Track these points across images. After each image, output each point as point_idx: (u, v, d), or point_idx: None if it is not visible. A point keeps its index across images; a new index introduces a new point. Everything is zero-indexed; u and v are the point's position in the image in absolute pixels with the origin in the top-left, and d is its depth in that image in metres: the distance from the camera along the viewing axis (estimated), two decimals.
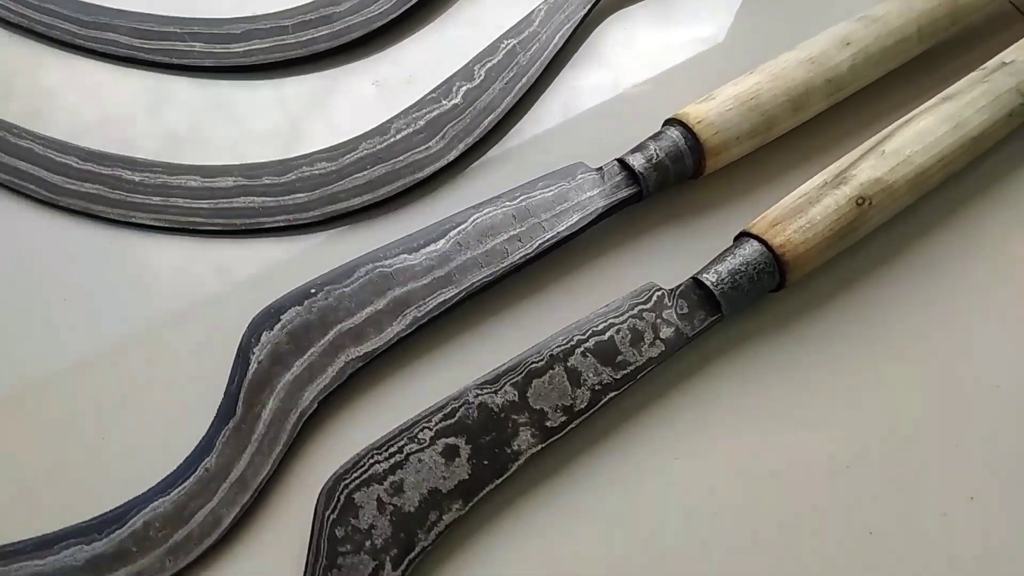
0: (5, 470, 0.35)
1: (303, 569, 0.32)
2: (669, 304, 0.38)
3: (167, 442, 0.35)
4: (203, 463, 0.35)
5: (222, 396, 0.36)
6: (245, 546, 0.33)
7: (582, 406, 0.36)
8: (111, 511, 0.34)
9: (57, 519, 0.33)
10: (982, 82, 0.44)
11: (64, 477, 0.35)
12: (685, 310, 0.38)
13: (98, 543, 0.33)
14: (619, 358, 0.37)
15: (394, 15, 0.46)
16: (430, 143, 0.42)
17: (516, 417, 0.36)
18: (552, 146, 0.44)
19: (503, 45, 0.45)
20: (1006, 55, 0.45)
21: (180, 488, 0.34)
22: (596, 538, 0.35)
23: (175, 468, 0.35)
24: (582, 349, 0.37)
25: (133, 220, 0.40)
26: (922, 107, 0.43)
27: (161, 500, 0.34)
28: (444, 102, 0.44)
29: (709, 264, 0.39)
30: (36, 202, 0.40)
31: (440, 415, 0.35)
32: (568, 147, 0.43)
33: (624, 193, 0.41)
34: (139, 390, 0.37)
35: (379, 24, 0.46)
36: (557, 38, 0.45)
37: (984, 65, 0.45)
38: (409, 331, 0.37)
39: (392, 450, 0.35)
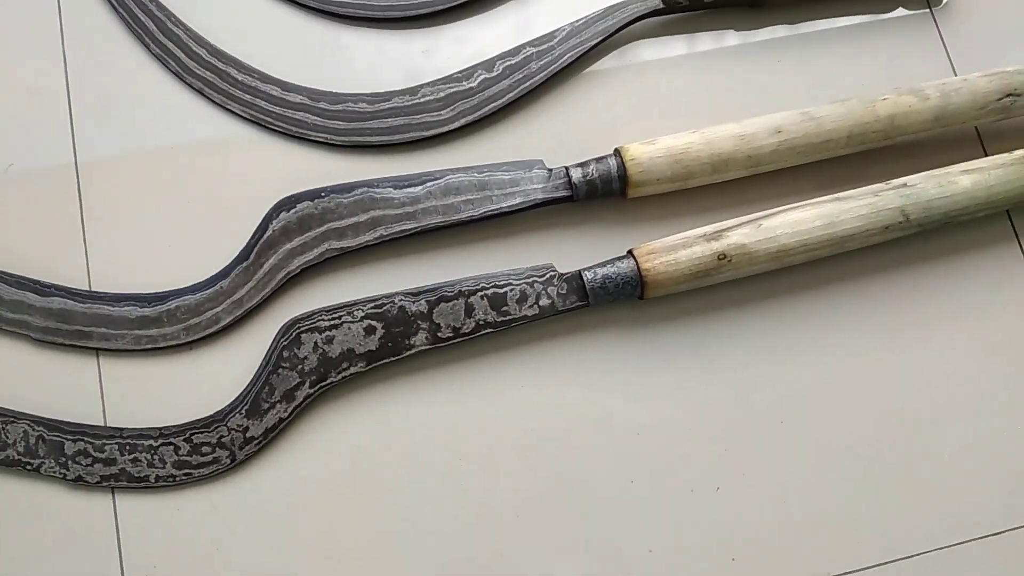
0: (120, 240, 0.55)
1: (257, 367, 0.51)
2: (555, 284, 0.53)
3: (212, 258, 0.54)
4: (221, 282, 0.53)
5: (246, 242, 0.54)
6: (228, 344, 0.52)
7: (466, 331, 0.52)
8: (161, 292, 0.53)
9: (130, 287, 0.53)
10: (874, 195, 0.54)
11: (142, 261, 0.54)
12: (564, 291, 0.53)
13: (147, 308, 0.53)
14: (504, 308, 0.52)
15: (459, 1, 0.60)
16: (442, 112, 0.57)
17: (420, 323, 0.52)
18: (530, 140, 0.57)
19: (524, 50, 0.58)
20: (911, 178, 0.55)
21: (202, 293, 0.53)
22: (443, 422, 0.52)
23: (207, 278, 0.53)
24: (482, 293, 0.53)
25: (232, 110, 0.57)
26: (816, 199, 0.54)
27: (190, 296, 0.53)
28: (464, 83, 0.58)
29: (596, 265, 0.53)
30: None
31: (372, 304, 0.52)
32: (541, 144, 0.57)
33: (559, 194, 0.54)
34: (210, 227, 0.55)
35: (439, 8, 0.59)
36: (567, 56, 0.58)
37: (890, 181, 0.55)
38: (375, 243, 0.54)
39: (335, 316, 0.52)
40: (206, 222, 0.55)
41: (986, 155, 0.59)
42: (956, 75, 0.60)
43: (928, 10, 0.62)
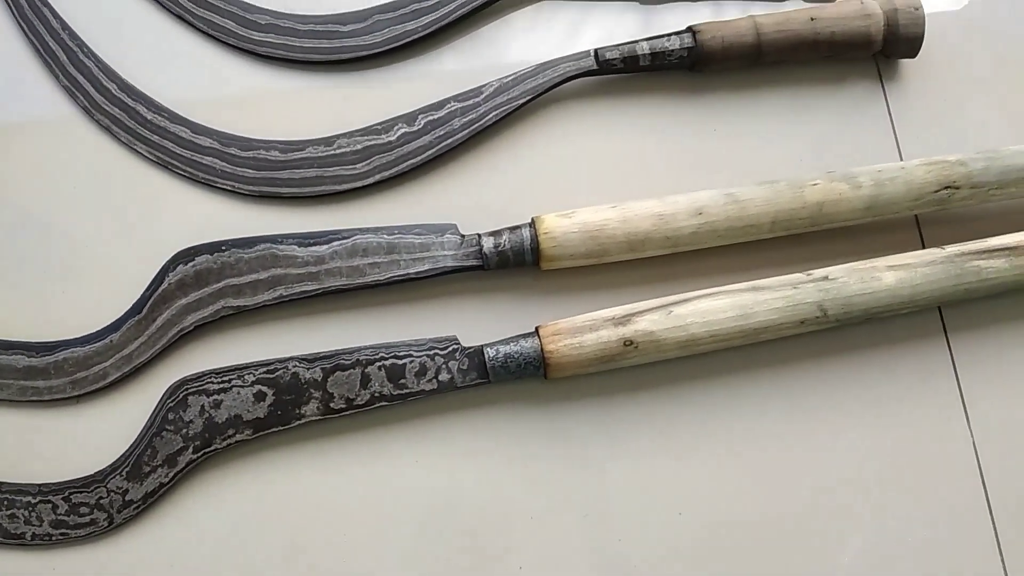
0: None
1: (140, 430, 0.50)
2: (457, 359, 0.51)
3: (108, 306, 0.52)
4: (111, 335, 0.51)
5: (142, 293, 0.52)
6: (115, 400, 0.51)
7: (360, 403, 0.51)
8: (50, 342, 0.51)
9: (19, 335, 0.51)
10: (793, 287, 0.52)
11: (35, 306, 0.53)
12: (465, 367, 0.51)
13: (35, 359, 0.51)
14: (401, 380, 0.51)
15: (385, 48, 0.57)
16: (358, 165, 0.55)
17: (312, 391, 0.50)
18: (447, 199, 0.55)
19: (448, 105, 0.56)
20: (833, 270, 0.52)
21: (92, 346, 0.51)
22: (331, 495, 0.50)
23: (97, 330, 0.52)
24: (380, 363, 0.51)
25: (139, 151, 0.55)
26: (732, 287, 0.52)
27: (79, 348, 0.51)
28: (382, 136, 0.55)
29: (500, 342, 0.51)
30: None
31: (265, 368, 0.51)
32: (458, 205, 0.55)
33: (470, 263, 0.52)
34: (106, 275, 0.53)
35: (364, 53, 0.57)
36: (493, 115, 0.55)
37: (811, 271, 0.53)
38: (272, 303, 0.52)
39: (224, 379, 0.50)
40: (104, 267, 0.53)
41: (922, 241, 0.57)
42: (901, 155, 0.58)
43: (880, 85, 0.59)
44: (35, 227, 0.54)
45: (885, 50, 0.58)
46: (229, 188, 0.55)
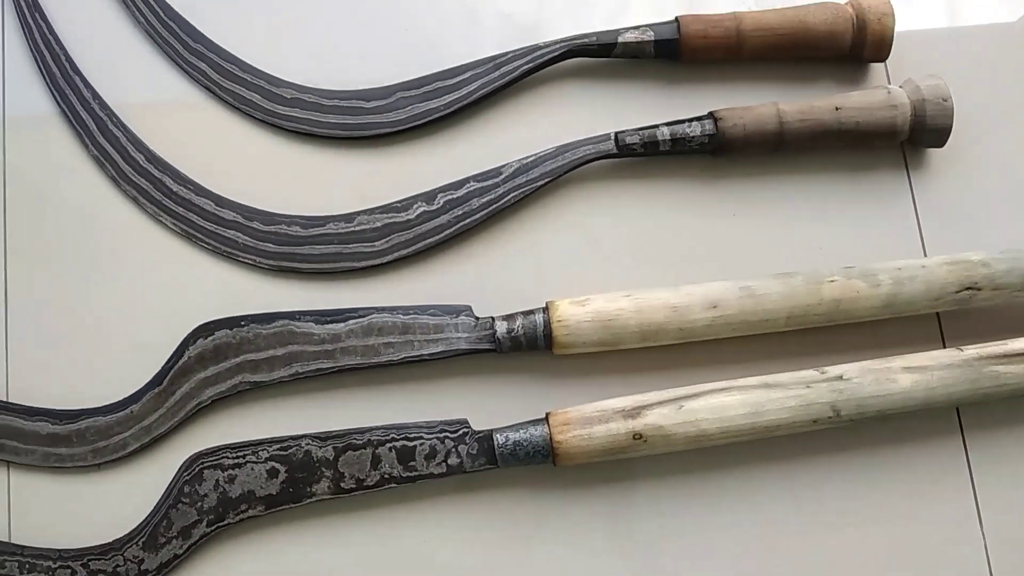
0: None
1: (157, 500, 0.51)
2: (467, 442, 0.52)
3: (127, 378, 0.53)
4: (132, 406, 0.53)
5: (162, 366, 0.53)
6: (134, 469, 0.52)
7: (370, 483, 0.52)
8: (73, 411, 0.53)
9: (44, 401, 0.53)
10: (806, 386, 0.51)
11: (61, 372, 0.54)
12: (474, 452, 0.52)
13: (58, 426, 0.53)
14: (411, 463, 0.52)
15: (408, 126, 0.57)
16: (377, 243, 0.56)
17: (324, 470, 0.51)
18: (463, 279, 0.56)
19: (468, 184, 0.56)
20: (847, 369, 0.52)
21: (113, 416, 0.53)
22: (340, 572, 0.51)
23: (119, 400, 0.53)
24: (391, 445, 0.52)
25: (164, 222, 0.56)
26: (743, 381, 0.52)
27: (101, 418, 0.53)
28: (402, 214, 0.56)
29: (508, 427, 0.52)
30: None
31: (278, 445, 0.52)
32: (474, 285, 0.56)
33: (483, 346, 0.53)
34: (129, 343, 0.54)
35: (387, 131, 0.57)
36: (511, 196, 0.56)
37: (825, 369, 0.52)
38: (288, 379, 0.53)
39: (239, 454, 0.52)
40: (127, 336, 0.55)
41: (942, 335, 0.56)
42: (924, 245, 0.57)
43: (905, 173, 0.58)
44: (61, 295, 0.55)
45: (912, 139, 0.57)
46: (250, 262, 0.56)
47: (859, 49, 0.57)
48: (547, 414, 0.52)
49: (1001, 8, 0.64)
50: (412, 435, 0.52)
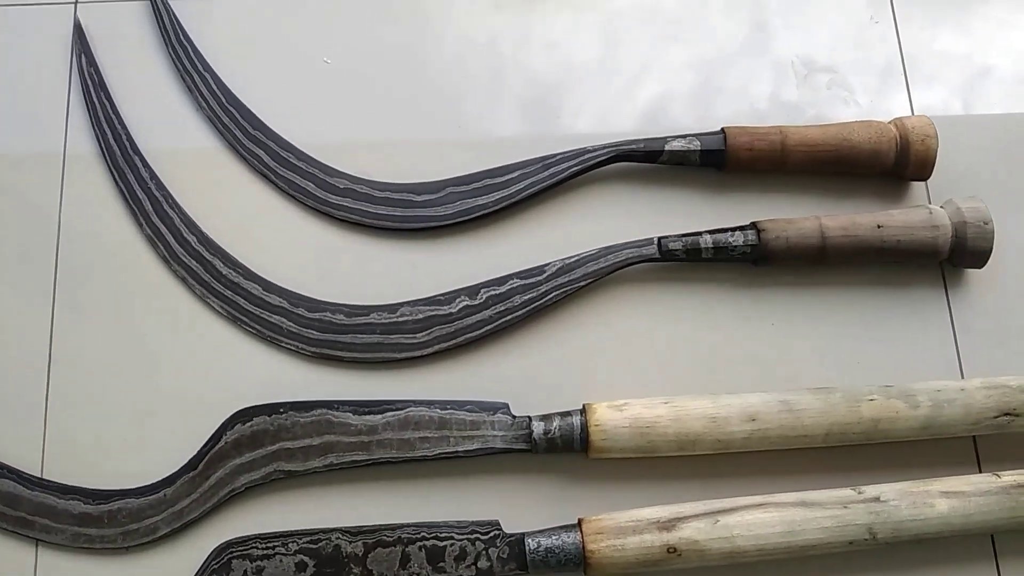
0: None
1: None
2: (497, 545, 0.51)
3: (163, 459, 0.54)
4: (165, 490, 0.53)
5: (197, 450, 0.53)
6: (164, 553, 0.52)
7: None
8: (106, 491, 0.53)
9: (78, 478, 0.53)
10: (843, 505, 0.51)
11: (97, 450, 0.54)
12: (505, 555, 0.51)
13: (91, 506, 0.53)
14: (440, 563, 0.51)
15: (455, 220, 0.59)
16: (418, 335, 0.56)
17: (353, 566, 0.51)
18: (502, 375, 0.56)
19: (511, 281, 0.57)
20: (884, 490, 0.52)
21: (145, 498, 0.53)
22: None
23: (153, 483, 0.53)
24: (422, 543, 0.52)
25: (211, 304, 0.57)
26: (779, 498, 0.51)
27: (134, 500, 0.53)
28: (444, 307, 0.57)
29: (540, 531, 0.51)
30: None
31: (308, 538, 0.52)
32: (513, 381, 0.56)
33: (519, 446, 0.53)
34: (168, 424, 0.55)
35: (434, 224, 0.59)
36: (553, 295, 0.57)
37: (862, 489, 0.52)
38: (323, 470, 0.53)
39: (269, 545, 0.51)
40: (167, 416, 0.55)
41: (978, 460, 0.56)
42: (962, 366, 0.58)
43: (944, 293, 0.59)
44: (104, 370, 0.56)
45: (952, 259, 0.58)
46: (293, 347, 0.56)
47: (902, 169, 0.59)
48: (580, 520, 0.52)
49: None
50: (443, 535, 0.52)
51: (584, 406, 0.53)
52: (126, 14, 0.62)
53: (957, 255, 0.58)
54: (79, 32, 0.61)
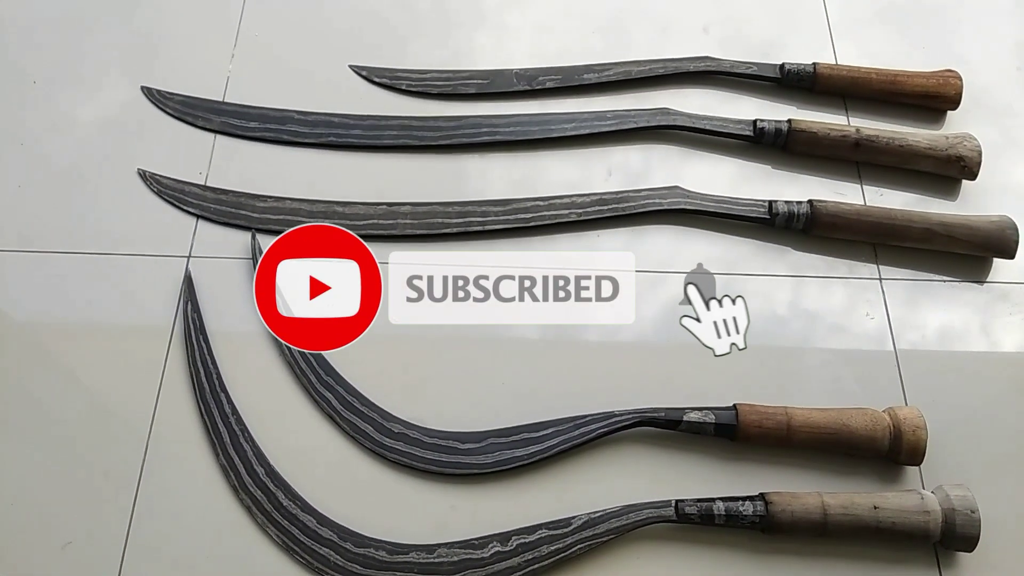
0: None
1: None
2: None
3: None
4: None
5: None
6: None
7: None
8: None
9: None
10: None
11: None
12: None
13: None
14: None
15: (494, 470, 0.66)
16: None
17: None
18: None
19: (540, 531, 0.63)
20: None
21: None
22: None
23: None
24: None
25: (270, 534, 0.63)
26: None
27: None
28: (477, 551, 0.62)
29: None
30: None
31: None
32: None
33: None
34: None
35: (475, 472, 0.65)
36: (578, 547, 0.62)
37: None
38: None
39: None
40: None
41: None
42: None
43: (937, 572, 0.63)
44: None
45: (943, 542, 0.63)
46: None
47: (895, 454, 0.65)
48: None
49: None
50: None
51: None
52: (231, 268, 0.74)
53: (947, 539, 0.63)
54: (188, 282, 0.73)
